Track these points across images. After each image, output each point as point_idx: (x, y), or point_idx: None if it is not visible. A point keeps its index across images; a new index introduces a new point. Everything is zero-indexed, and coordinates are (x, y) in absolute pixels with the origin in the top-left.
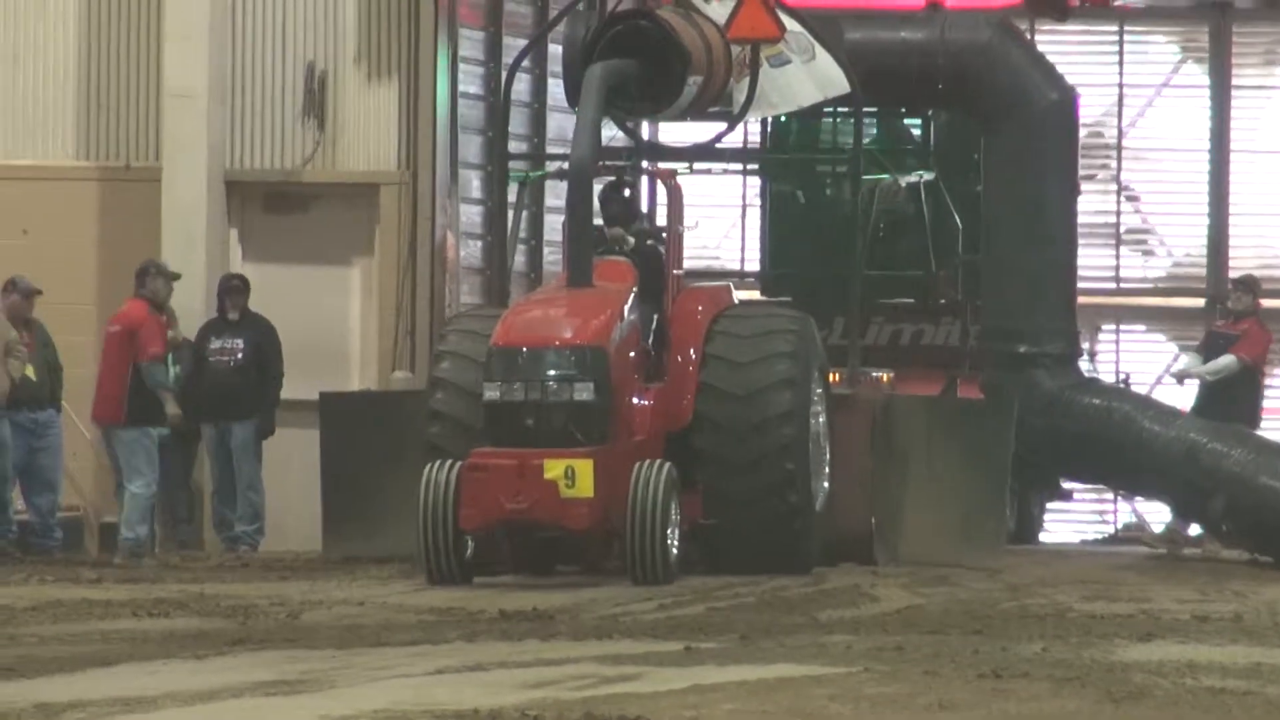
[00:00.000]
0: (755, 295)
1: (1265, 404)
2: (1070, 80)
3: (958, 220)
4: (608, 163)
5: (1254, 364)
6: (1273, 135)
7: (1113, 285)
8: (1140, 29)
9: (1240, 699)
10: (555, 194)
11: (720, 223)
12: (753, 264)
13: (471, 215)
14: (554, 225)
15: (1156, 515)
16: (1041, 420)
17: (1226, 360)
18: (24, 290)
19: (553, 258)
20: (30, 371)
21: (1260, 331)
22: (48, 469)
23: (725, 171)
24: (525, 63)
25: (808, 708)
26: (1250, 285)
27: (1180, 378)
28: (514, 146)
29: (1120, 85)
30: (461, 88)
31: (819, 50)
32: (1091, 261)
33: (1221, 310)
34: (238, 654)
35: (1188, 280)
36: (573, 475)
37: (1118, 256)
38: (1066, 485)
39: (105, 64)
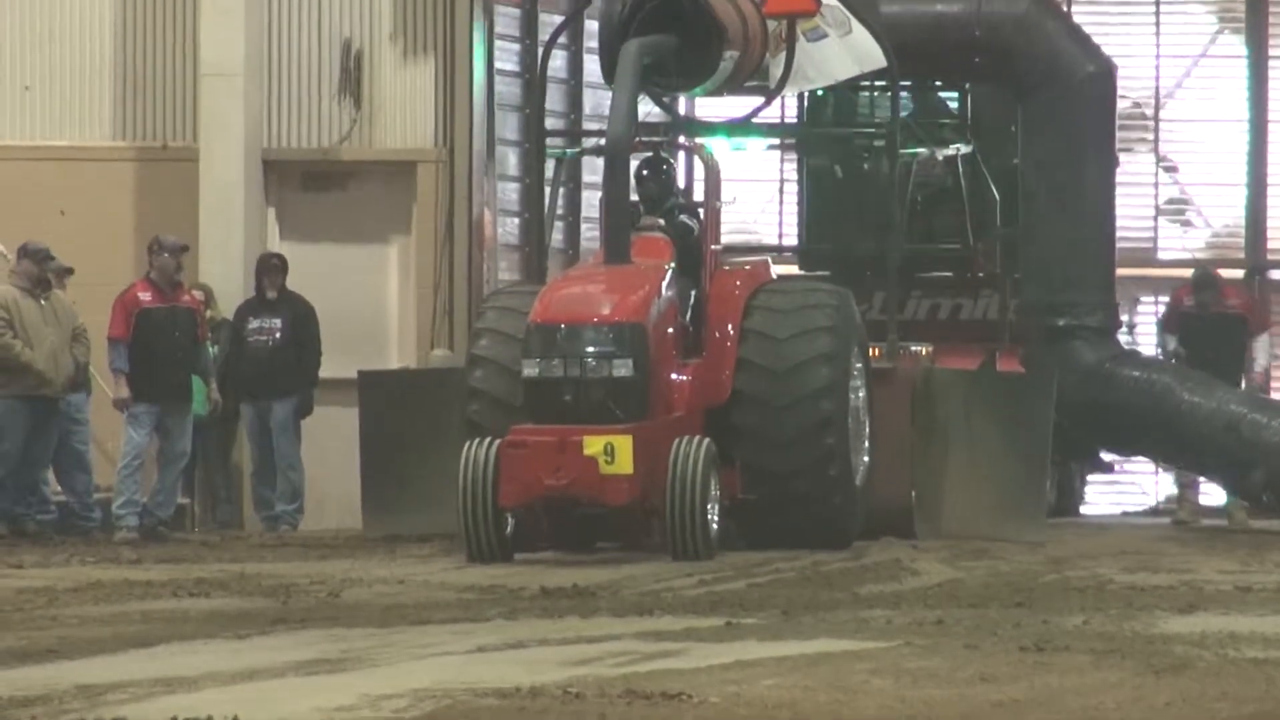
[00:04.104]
0: (793, 270)
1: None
2: (1107, 51)
3: (995, 193)
4: (644, 139)
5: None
6: None
7: (1151, 257)
8: None
9: None
10: (592, 170)
11: (758, 198)
12: (790, 239)
13: (509, 192)
14: (591, 202)
15: (1205, 487)
16: (1081, 393)
17: (1265, 341)
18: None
19: (590, 234)
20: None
21: (1255, 298)
22: (80, 451)
23: (770, 148)
24: (561, 39)
25: (849, 682)
26: (1213, 280)
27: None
28: (551, 123)
29: (1157, 56)
30: (498, 65)
31: (855, 24)
32: (1130, 233)
33: (1208, 302)
34: (279, 633)
35: (1226, 251)
36: (612, 451)
37: (1156, 228)
38: (1107, 457)
39: (142, 44)
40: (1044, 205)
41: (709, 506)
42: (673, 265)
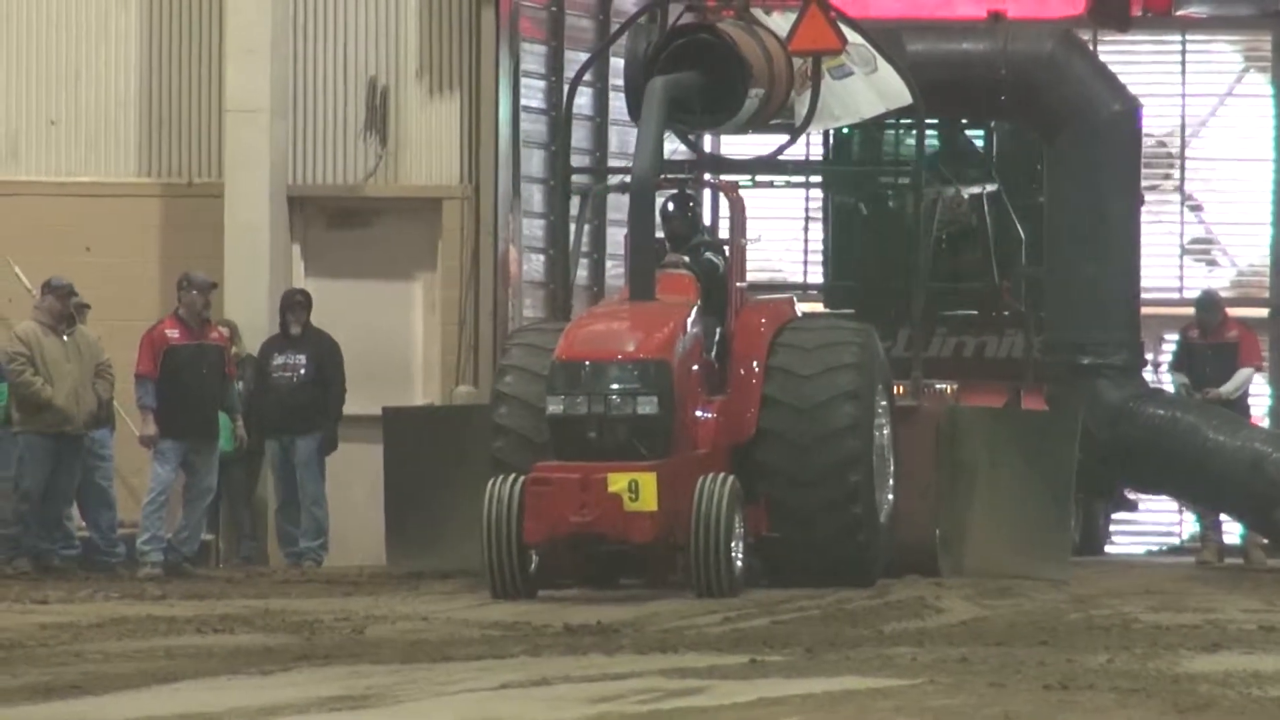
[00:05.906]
0: (818, 308)
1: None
2: (1133, 90)
3: (1020, 231)
4: (670, 176)
5: (1260, 368)
6: None
7: (1176, 295)
8: (1202, 38)
9: None
10: (617, 208)
11: (783, 235)
12: (815, 276)
13: (534, 229)
14: (616, 239)
15: (1226, 527)
16: (1106, 431)
17: (1245, 373)
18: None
19: (615, 271)
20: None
21: (1252, 335)
22: (104, 487)
23: (788, 184)
24: (587, 76)
25: None
26: (1217, 301)
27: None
28: (576, 160)
29: (1183, 95)
30: (523, 102)
31: (881, 62)
32: (1155, 272)
33: (1203, 326)
34: (302, 669)
35: (1251, 290)
36: (636, 488)
37: (1181, 267)
38: (1131, 496)
39: (167, 80)
40: (1069, 243)
41: (733, 544)
42: (698, 303)
